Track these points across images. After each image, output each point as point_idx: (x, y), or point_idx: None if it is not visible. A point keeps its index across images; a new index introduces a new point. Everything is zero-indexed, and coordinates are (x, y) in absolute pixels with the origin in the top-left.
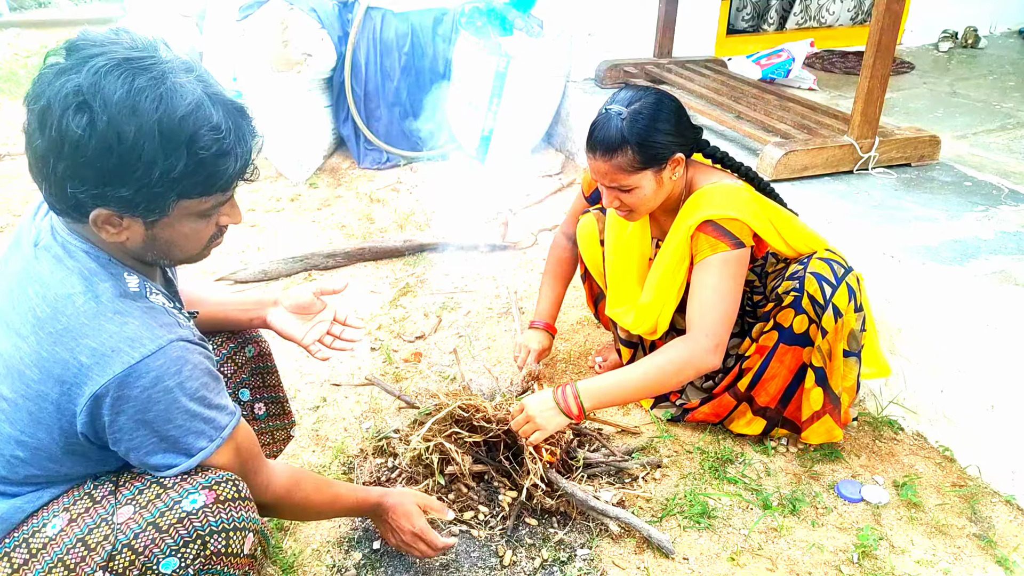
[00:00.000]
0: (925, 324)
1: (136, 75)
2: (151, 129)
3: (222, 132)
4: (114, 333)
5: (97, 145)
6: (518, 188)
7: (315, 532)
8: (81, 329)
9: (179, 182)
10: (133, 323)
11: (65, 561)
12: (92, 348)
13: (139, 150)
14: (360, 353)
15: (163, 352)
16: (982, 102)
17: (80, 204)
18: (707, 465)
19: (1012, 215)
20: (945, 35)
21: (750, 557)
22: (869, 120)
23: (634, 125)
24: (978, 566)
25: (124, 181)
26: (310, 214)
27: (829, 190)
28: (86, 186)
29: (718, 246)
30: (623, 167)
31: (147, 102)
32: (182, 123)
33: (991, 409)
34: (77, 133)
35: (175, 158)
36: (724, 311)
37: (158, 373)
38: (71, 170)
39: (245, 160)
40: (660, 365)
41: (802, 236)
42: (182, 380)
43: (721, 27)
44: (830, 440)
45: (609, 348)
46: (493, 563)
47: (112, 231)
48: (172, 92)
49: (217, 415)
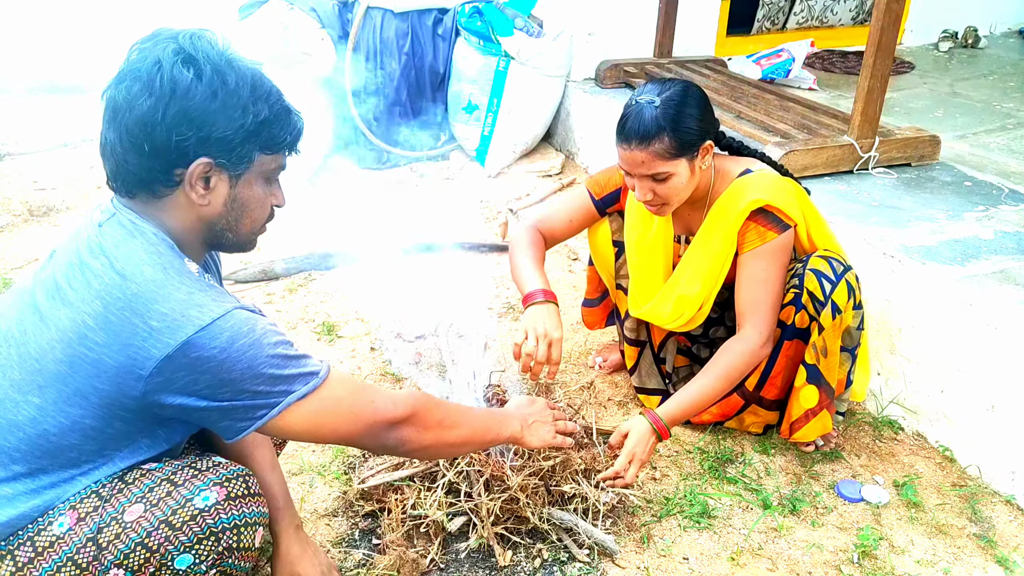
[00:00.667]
0: (925, 324)
1: (217, 42)
2: (244, 78)
3: (283, 94)
4: (182, 300)
5: (205, 89)
6: (518, 188)
7: (314, 532)
8: (151, 295)
9: (263, 129)
10: (199, 293)
11: (76, 560)
12: (162, 313)
13: (238, 95)
14: (360, 353)
15: (232, 315)
16: (982, 102)
17: (182, 155)
18: (707, 465)
19: (1012, 215)
20: (945, 35)
21: (750, 557)
22: (869, 120)
23: (667, 111)
24: (978, 566)
25: (227, 122)
26: (310, 214)
27: (829, 190)
28: (193, 129)
29: (767, 235)
30: (660, 154)
31: (237, 59)
32: (262, 79)
33: (991, 409)
34: (188, 78)
35: (261, 105)
36: (772, 302)
37: (232, 334)
38: (181, 114)
39: (303, 124)
40: (722, 370)
41: (824, 230)
42: (258, 338)
43: (721, 27)
44: (823, 434)
45: (609, 348)
46: (493, 563)
47: (201, 192)
48: (246, 57)
49: (306, 361)
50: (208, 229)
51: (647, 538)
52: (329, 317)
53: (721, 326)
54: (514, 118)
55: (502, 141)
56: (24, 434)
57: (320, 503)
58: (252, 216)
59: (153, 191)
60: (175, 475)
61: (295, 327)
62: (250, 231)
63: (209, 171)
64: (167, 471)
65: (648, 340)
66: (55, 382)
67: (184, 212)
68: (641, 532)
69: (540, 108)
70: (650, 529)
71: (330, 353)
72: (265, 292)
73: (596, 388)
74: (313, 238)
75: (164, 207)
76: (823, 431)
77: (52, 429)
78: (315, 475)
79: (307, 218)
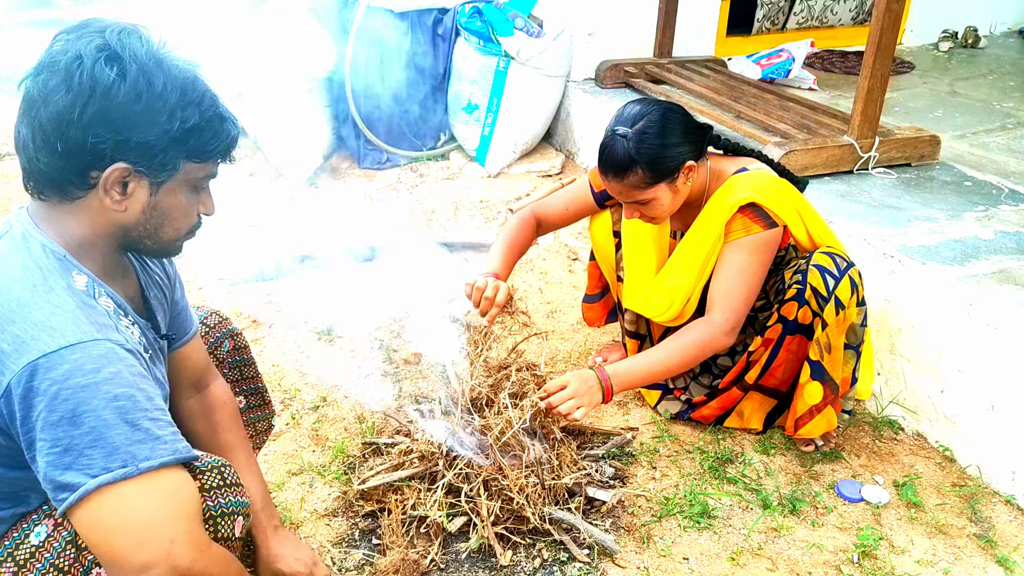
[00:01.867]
0: (925, 324)
1: (150, 40)
2: (174, 82)
3: (219, 99)
4: (38, 322)
5: (128, 91)
6: (518, 188)
7: (314, 532)
8: (10, 316)
9: (190, 137)
10: (61, 314)
11: (58, 565)
12: (14, 335)
13: (164, 99)
14: (360, 352)
15: (83, 347)
16: (982, 102)
17: (97, 158)
18: (707, 465)
19: (1012, 215)
20: (945, 35)
21: (750, 557)
22: (869, 120)
23: (640, 145)
24: (978, 566)
25: (149, 127)
26: (310, 214)
27: (829, 190)
28: (112, 132)
29: (752, 228)
30: (636, 185)
31: (168, 60)
32: (195, 83)
33: (991, 409)
34: (110, 78)
35: (190, 112)
36: (746, 294)
37: (72, 367)
38: (100, 115)
39: (237, 132)
40: (679, 346)
41: (823, 228)
42: (98, 381)
43: (721, 27)
44: (829, 429)
45: (609, 348)
46: (493, 563)
47: (116, 197)
48: (181, 58)
49: (139, 438)
50: (124, 235)
51: (647, 538)
52: (329, 317)
53: None
54: (514, 118)
55: (502, 141)
56: None
57: (320, 503)
58: (174, 225)
59: (64, 192)
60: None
61: (295, 327)
62: (173, 239)
63: (127, 176)
64: None
65: (648, 334)
66: None
67: (96, 216)
68: (641, 532)
69: (540, 108)
70: (650, 529)
71: (330, 353)
72: (265, 292)
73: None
74: (313, 238)
75: (74, 210)
76: (828, 427)
77: None
78: (315, 475)
79: (307, 218)
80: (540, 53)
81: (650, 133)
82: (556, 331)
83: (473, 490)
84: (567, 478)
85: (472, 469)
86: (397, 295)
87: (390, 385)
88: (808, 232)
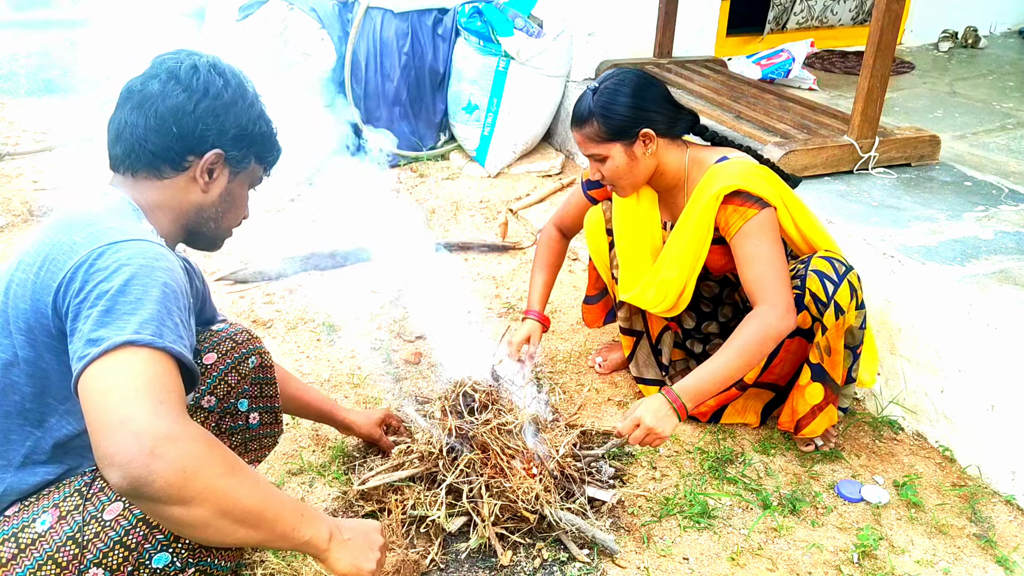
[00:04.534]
0: (925, 324)
1: (233, 66)
2: (256, 98)
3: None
4: (111, 225)
5: (231, 96)
6: (518, 188)
7: None
8: (88, 220)
9: (263, 141)
10: (132, 225)
11: (56, 559)
12: (90, 232)
13: (252, 107)
14: (360, 352)
15: (149, 243)
16: (982, 102)
17: (202, 142)
18: (707, 465)
19: (1012, 215)
20: (945, 35)
21: (750, 557)
22: (869, 120)
23: (600, 98)
24: (978, 566)
25: (241, 124)
26: (310, 214)
27: (829, 190)
28: (216, 123)
29: (747, 213)
30: (591, 137)
31: (249, 82)
32: (263, 103)
33: (991, 409)
34: (219, 85)
35: (263, 122)
36: (777, 273)
37: (136, 251)
38: (211, 109)
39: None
40: (740, 345)
41: (812, 222)
42: (154, 267)
43: (721, 27)
44: (831, 425)
45: (609, 348)
46: (493, 563)
47: (205, 180)
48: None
49: (172, 324)
50: (196, 215)
51: (647, 538)
52: (329, 317)
53: (714, 321)
54: (514, 118)
55: (502, 141)
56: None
57: (320, 503)
58: (236, 213)
59: (158, 171)
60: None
61: (295, 327)
62: (227, 228)
63: (216, 162)
64: None
65: (645, 331)
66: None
67: (180, 195)
68: (641, 532)
69: (540, 108)
70: (650, 529)
71: (330, 353)
72: (264, 292)
73: (595, 388)
74: (313, 238)
75: (162, 187)
76: (830, 423)
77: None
78: (315, 475)
79: (307, 218)
80: (540, 53)
81: (611, 90)
82: (556, 331)
83: (474, 491)
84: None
85: (472, 470)
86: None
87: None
88: (796, 224)
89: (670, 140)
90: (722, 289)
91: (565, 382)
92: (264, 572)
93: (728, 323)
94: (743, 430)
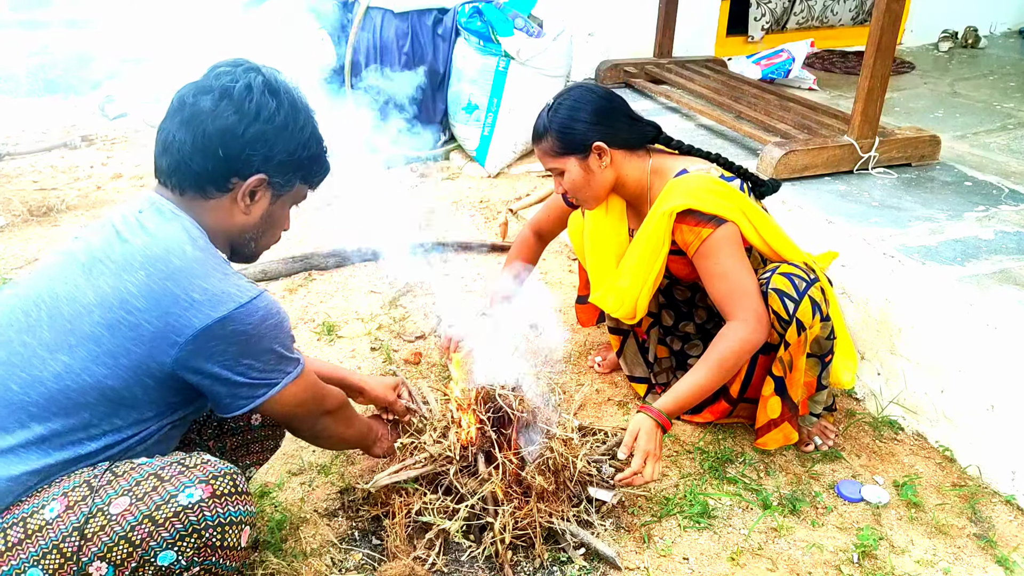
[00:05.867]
0: (925, 324)
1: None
2: (309, 119)
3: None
4: (221, 280)
5: (282, 120)
6: (518, 188)
7: (315, 532)
8: (193, 271)
9: (309, 163)
10: (234, 277)
11: (61, 549)
12: (204, 288)
13: (303, 130)
14: (360, 353)
15: (264, 297)
16: (982, 102)
17: (246, 166)
18: (707, 465)
19: (1012, 215)
20: (945, 35)
21: (750, 557)
22: (869, 120)
23: (554, 115)
24: (978, 566)
25: (289, 149)
26: (310, 214)
27: (829, 190)
28: (264, 148)
29: (702, 232)
30: (547, 151)
31: (302, 102)
32: (315, 121)
33: (991, 409)
34: (271, 108)
35: (312, 144)
36: (744, 286)
37: (264, 313)
38: (260, 134)
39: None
40: (715, 359)
41: (775, 232)
42: (281, 320)
43: (721, 27)
44: (786, 443)
45: (607, 348)
46: (493, 563)
47: (248, 202)
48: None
49: (295, 355)
50: (239, 235)
51: (647, 538)
52: (329, 317)
53: (691, 321)
54: (514, 118)
55: (502, 141)
56: (45, 389)
57: (320, 503)
58: (275, 233)
59: (204, 191)
60: (163, 470)
61: (295, 327)
62: (266, 245)
63: (259, 186)
64: (156, 466)
65: (631, 329)
66: (87, 342)
67: (223, 216)
68: (641, 532)
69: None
70: (650, 529)
71: (330, 353)
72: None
73: (595, 388)
74: (312, 238)
75: (208, 208)
76: (785, 442)
77: (73, 386)
78: (315, 475)
79: (306, 218)
80: (540, 53)
81: (564, 107)
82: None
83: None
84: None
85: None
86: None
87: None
88: (760, 235)
89: (628, 152)
90: (694, 294)
91: (565, 382)
92: (264, 572)
93: (704, 325)
94: (743, 430)
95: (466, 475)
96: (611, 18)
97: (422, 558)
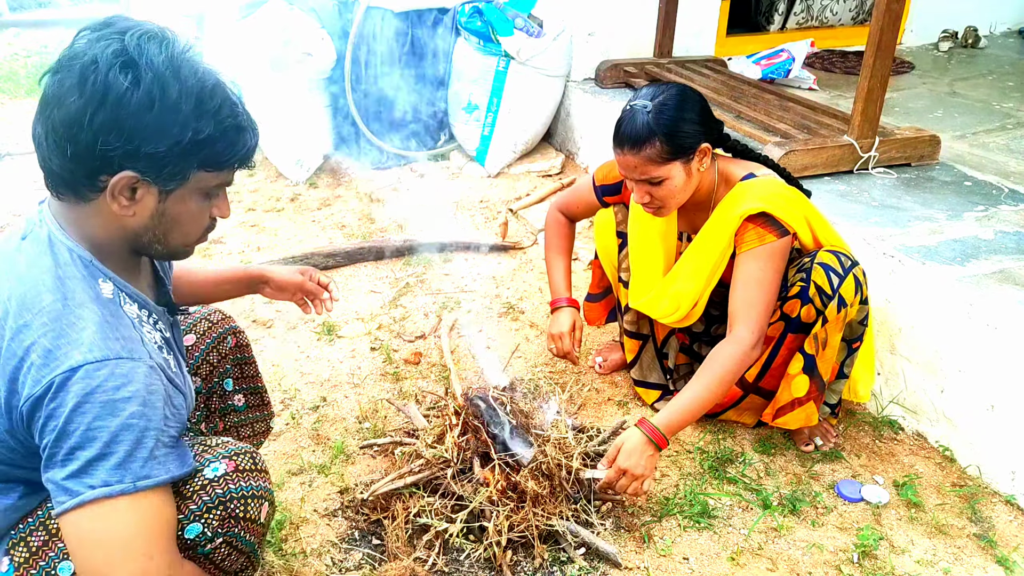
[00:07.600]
0: (925, 324)
1: (172, 44)
2: (189, 91)
3: (239, 108)
4: (68, 336)
5: (140, 99)
6: (518, 188)
7: (315, 532)
8: (40, 328)
9: (203, 148)
10: (90, 329)
11: None
12: (45, 348)
13: (178, 109)
14: (360, 353)
15: (107, 364)
16: (982, 102)
17: (106, 164)
18: (707, 465)
19: (1012, 215)
20: (945, 35)
21: (750, 557)
22: (869, 120)
23: (660, 116)
24: (978, 566)
25: (160, 137)
26: (310, 214)
27: (829, 190)
28: (121, 140)
29: (766, 237)
30: (652, 159)
31: (186, 68)
32: (213, 92)
33: (991, 409)
34: (123, 86)
35: (204, 123)
36: (766, 303)
37: (96, 383)
38: (110, 123)
39: (255, 140)
40: (713, 374)
41: (830, 232)
42: (116, 399)
43: (721, 27)
44: (807, 425)
45: (609, 348)
46: (493, 563)
47: (124, 203)
48: (202, 64)
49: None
50: (134, 239)
51: (647, 538)
52: (329, 317)
53: (723, 324)
54: (514, 118)
55: (502, 141)
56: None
57: (320, 503)
58: (183, 231)
59: (78, 194)
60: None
61: (295, 327)
62: (182, 244)
63: (135, 183)
64: None
65: (651, 335)
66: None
67: (107, 220)
68: (641, 532)
69: (540, 108)
70: (650, 529)
71: (330, 353)
72: None
73: (595, 388)
74: (312, 238)
75: (89, 212)
76: (807, 422)
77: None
78: (315, 475)
79: (307, 218)
80: (540, 53)
81: (670, 106)
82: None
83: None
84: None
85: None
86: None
87: (389, 386)
88: (815, 237)
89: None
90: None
91: (565, 382)
92: (264, 572)
93: None
94: (743, 430)
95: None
96: (611, 18)
97: (422, 559)
